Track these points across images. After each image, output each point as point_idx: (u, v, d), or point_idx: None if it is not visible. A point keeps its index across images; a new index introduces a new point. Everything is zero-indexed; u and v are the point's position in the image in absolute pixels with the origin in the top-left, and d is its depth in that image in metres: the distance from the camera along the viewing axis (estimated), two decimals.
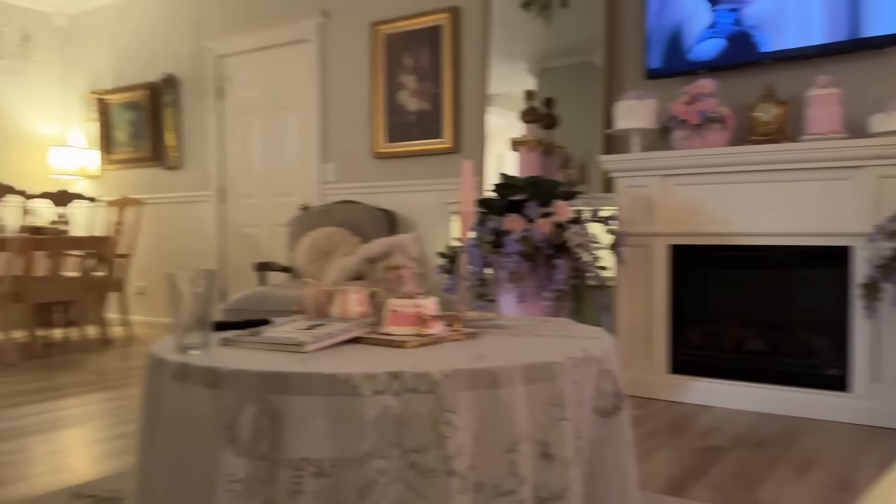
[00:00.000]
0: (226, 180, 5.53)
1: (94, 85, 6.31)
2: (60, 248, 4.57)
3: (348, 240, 4.35)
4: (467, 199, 1.74)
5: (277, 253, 5.16)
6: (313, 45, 4.98)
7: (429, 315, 1.52)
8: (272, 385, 1.22)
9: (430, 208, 4.48)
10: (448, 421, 1.19)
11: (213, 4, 5.53)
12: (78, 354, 4.59)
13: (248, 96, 5.38)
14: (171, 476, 1.36)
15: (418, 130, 4.54)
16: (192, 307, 1.44)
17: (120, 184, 6.14)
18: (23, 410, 3.11)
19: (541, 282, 3.07)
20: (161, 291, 5.90)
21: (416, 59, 4.52)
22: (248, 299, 3.81)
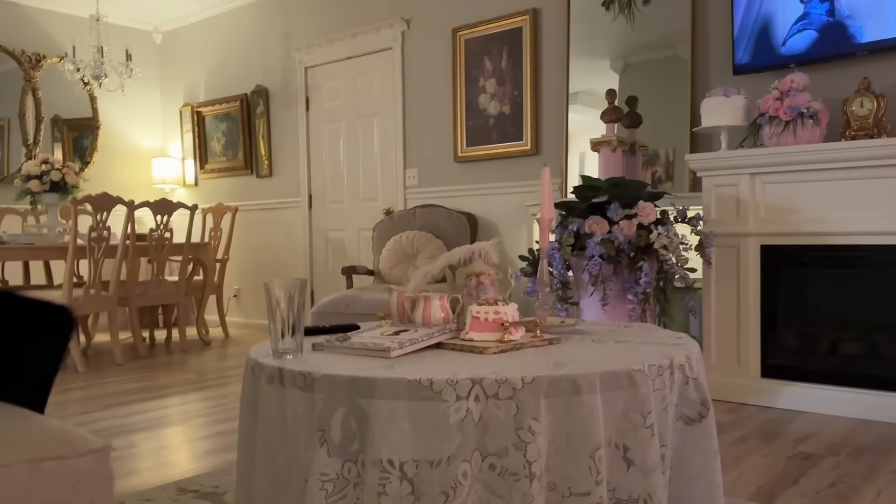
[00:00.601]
0: (313, 186, 5.73)
1: (190, 98, 6.66)
2: (162, 254, 4.85)
3: (430, 243, 4.42)
4: (547, 206, 1.76)
5: (363, 256, 5.30)
6: (395, 52, 5.09)
7: (509, 321, 1.55)
8: (360, 389, 1.28)
9: (511, 211, 4.50)
10: (529, 427, 1.21)
11: (300, 17, 5.73)
12: (179, 355, 4.87)
13: (333, 105, 5.55)
14: (268, 474, 1.44)
15: (498, 133, 4.56)
16: (286, 314, 1.51)
17: (215, 192, 6.45)
18: (130, 409, 3.33)
19: (625, 284, 3.04)
20: (254, 294, 6.16)
21: (496, 63, 4.55)
22: (336, 302, 3.93)
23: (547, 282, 1.82)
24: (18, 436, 1.04)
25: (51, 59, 6.11)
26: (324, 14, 5.55)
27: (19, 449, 1.01)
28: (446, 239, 4.44)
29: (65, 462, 1.04)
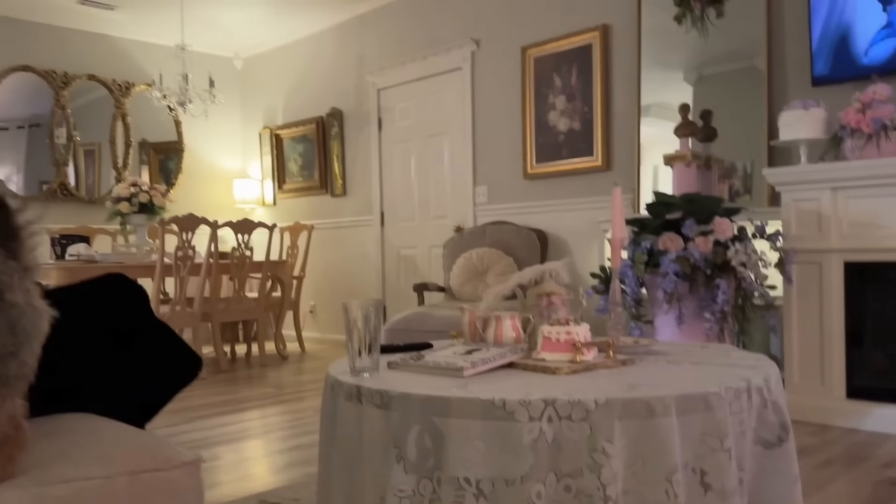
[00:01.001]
0: (385, 205, 5.84)
1: (269, 121, 6.92)
2: (243, 271, 5.04)
3: (500, 260, 4.44)
4: (618, 225, 1.76)
5: (433, 273, 5.36)
6: (465, 72, 5.16)
7: (581, 342, 1.55)
8: (435, 408, 1.31)
9: (582, 227, 4.47)
10: (602, 449, 1.22)
11: (373, 42, 5.89)
12: (258, 369, 5.03)
13: (405, 125, 5.67)
14: (344, 489, 1.49)
15: (568, 150, 4.56)
16: (363, 333, 1.57)
17: (293, 211, 6.66)
18: (213, 421, 3.46)
19: (701, 303, 2.98)
20: (329, 310, 6.31)
21: (566, 79, 4.56)
22: (408, 319, 4.00)
23: (619, 302, 1.82)
24: (119, 450, 1.12)
25: (139, 87, 6.47)
26: (396, 38, 5.69)
27: (120, 462, 1.09)
28: (516, 256, 4.45)
29: (160, 474, 1.11)
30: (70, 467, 1.04)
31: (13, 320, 0.90)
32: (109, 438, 1.14)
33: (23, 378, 0.95)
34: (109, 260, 4.71)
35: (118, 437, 1.15)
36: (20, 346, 0.92)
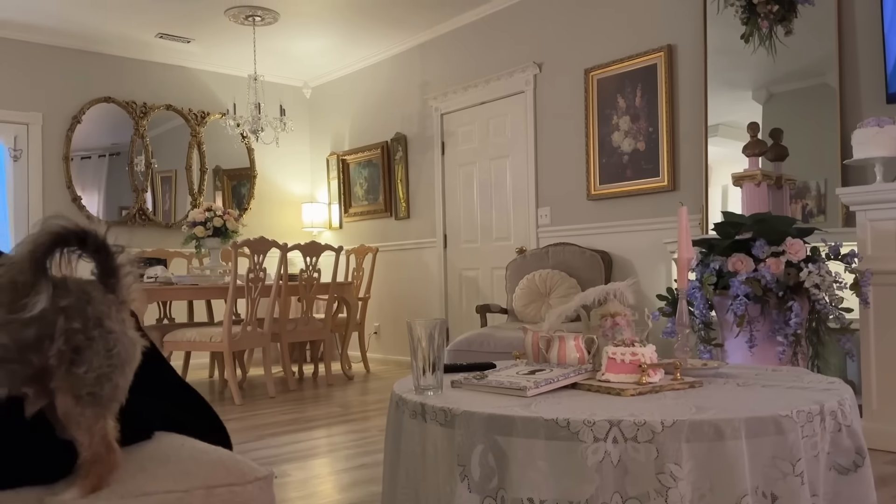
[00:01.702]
0: (448, 227, 5.90)
1: (336, 147, 7.10)
2: (311, 293, 5.16)
3: (563, 282, 4.42)
4: (685, 245, 1.74)
5: (496, 295, 5.36)
6: (527, 95, 5.19)
7: (647, 363, 1.54)
8: (498, 427, 1.32)
9: (648, 248, 4.41)
10: (670, 472, 1.20)
11: (436, 68, 5.99)
12: (325, 389, 5.12)
13: (467, 148, 5.72)
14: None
15: (633, 170, 4.51)
16: (427, 352, 1.59)
17: (358, 234, 6.79)
18: (282, 439, 3.54)
19: (773, 326, 2.89)
20: (393, 331, 6.38)
21: (630, 100, 4.53)
22: (471, 340, 4.01)
23: (687, 323, 1.79)
24: (196, 465, 1.17)
25: (214, 116, 6.74)
26: (458, 63, 5.77)
27: (197, 476, 1.13)
28: (580, 277, 4.41)
29: (235, 489, 1.15)
30: (150, 481, 1.09)
31: (110, 345, 0.98)
32: (187, 454, 1.19)
33: (115, 400, 1.02)
34: (185, 282, 4.90)
35: (195, 453, 1.20)
36: (114, 369, 1.00)
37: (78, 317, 0.97)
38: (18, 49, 5.82)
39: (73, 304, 0.97)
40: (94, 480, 1.02)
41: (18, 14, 5.45)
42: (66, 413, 0.98)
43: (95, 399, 0.98)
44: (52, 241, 0.95)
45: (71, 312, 0.96)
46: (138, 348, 1.04)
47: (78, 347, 0.96)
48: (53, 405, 0.98)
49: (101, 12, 5.48)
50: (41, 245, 0.94)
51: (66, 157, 6.03)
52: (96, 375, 0.97)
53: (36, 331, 0.95)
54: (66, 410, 0.97)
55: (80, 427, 0.98)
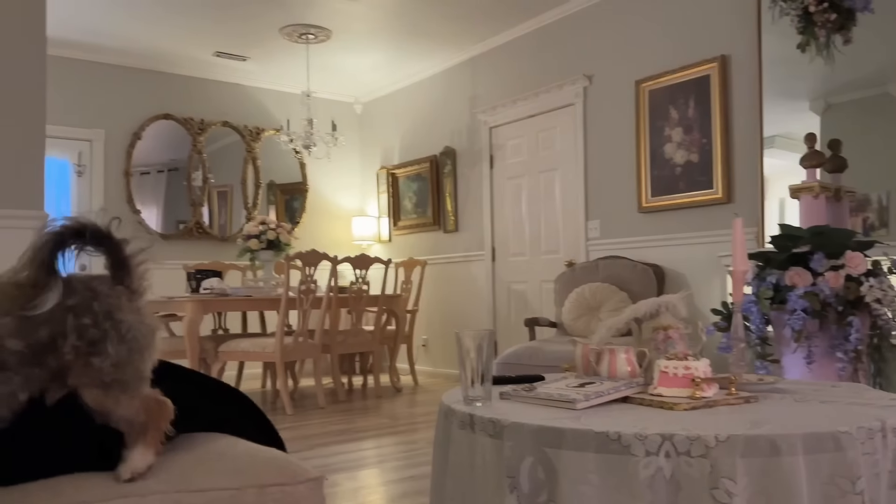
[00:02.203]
0: (496, 240, 5.89)
1: (386, 161, 7.18)
2: (360, 305, 5.22)
3: (614, 295, 4.36)
4: (740, 257, 1.71)
5: (545, 308, 5.33)
6: (577, 108, 5.17)
7: (701, 377, 1.51)
8: (548, 438, 1.31)
9: (702, 262, 4.32)
10: (724, 487, 1.17)
11: (485, 82, 6.02)
12: (374, 400, 5.16)
13: (516, 161, 5.72)
14: None
15: (686, 182, 4.44)
16: (476, 363, 1.59)
17: (407, 247, 6.85)
18: (331, 449, 3.58)
19: (832, 341, 2.80)
20: (442, 344, 6.39)
21: (682, 111, 4.47)
22: (519, 353, 3.99)
23: (742, 337, 1.75)
24: (249, 464, 1.19)
25: (268, 132, 6.91)
26: (508, 77, 5.79)
27: (250, 475, 1.16)
28: (631, 291, 4.35)
29: (286, 488, 1.17)
30: (205, 477, 1.12)
31: (123, 333, 1.03)
32: (241, 453, 1.22)
33: (141, 380, 1.06)
34: (239, 293, 5.01)
35: (249, 452, 1.23)
36: (132, 353, 1.04)
37: (87, 313, 1.01)
38: (83, 68, 6.07)
39: (79, 301, 1.01)
40: (154, 433, 1.06)
41: (83, 35, 5.69)
42: (99, 404, 1.02)
43: (122, 384, 1.03)
44: (53, 240, 1.00)
45: (79, 310, 1.01)
46: (155, 334, 1.08)
47: (93, 340, 1.00)
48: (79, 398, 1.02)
49: (161, 32, 5.69)
50: (45, 244, 0.99)
51: (127, 172, 6.25)
52: (114, 363, 1.01)
53: (48, 332, 0.99)
54: (98, 401, 1.02)
55: (117, 412, 1.03)
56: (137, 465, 1.04)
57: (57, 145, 5.75)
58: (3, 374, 0.97)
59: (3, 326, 0.97)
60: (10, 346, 0.97)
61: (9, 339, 0.97)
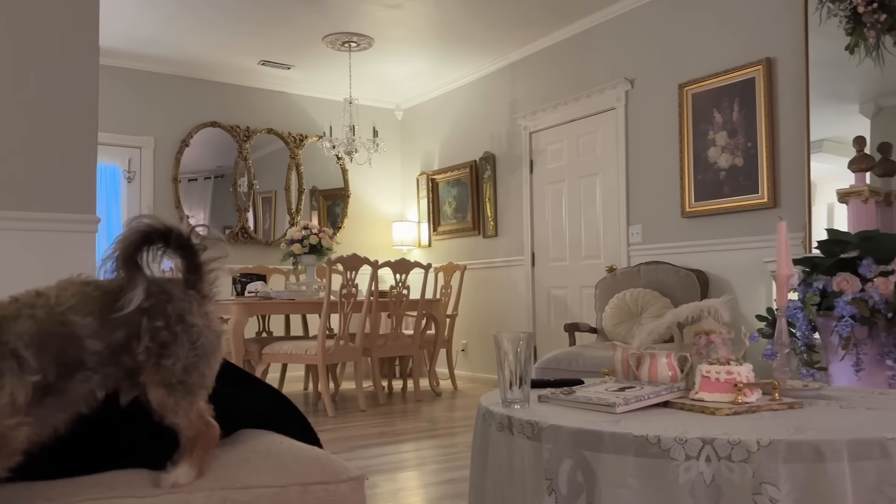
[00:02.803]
0: (536, 245, 5.88)
1: (426, 167, 7.23)
2: (400, 309, 5.26)
3: (656, 301, 4.31)
4: (784, 261, 1.68)
5: (585, 313, 5.29)
6: (618, 112, 5.13)
7: (744, 382, 1.49)
8: (586, 441, 1.31)
9: (746, 267, 4.25)
10: (767, 493, 1.16)
11: (525, 87, 6.02)
12: (413, 404, 5.18)
13: (556, 166, 5.71)
14: None
15: (730, 187, 4.37)
16: (514, 365, 1.60)
17: (446, 252, 6.87)
18: (372, 451, 3.61)
19: (882, 349, 2.73)
20: (481, 349, 6.39)
21: (726, 115, 4.40)
22: (559, 358, 3.97)
23: (786, 342, 1.72)
24: (293, 462, 1.22)
25: (311, 139, 7.01)
26: (548, 82, 5.78)
27: (294, 473, 1.19)
28: (673, 297, 4.30)
29: (328, 487, 1.19)
30: (251, 475, 1.15)
31: (194, 338, 1.07)
32: (285, 451, 1.25)
33: (203, 387, 1.11)
34: (282, 297, 5.09)
35: (293, 450, 1.26)
36: (200, 359, 1.08)
37: (160, 315, 1.05)
38: (133, 77, 6.25)
39: (154, 304, 1.05)
40: (200, 454, 1.10)
41: (133, 45, 5.87)
42: (161, 403, 1.06)
43: (186, 388, 1.06)
44: (140, 238, 1.04)
45: (153, 312, 1.05)
46: (222, 339, 1.12)
47: (164, 343, 1.04)
48: (146, 396, 1.07)
49: (209, 42, 5.83)
50: (131, 243, 1.03)
51: (175, 178, 6.41)
52: (184, 366, 1.05)
53: (124, 333, 1.03)
54: (161, 401, 1.06)
55: (176, 414, 1.06)
56: (181, 479, 1.07)
57: (108, 152, 5.94)
58: (83, 373, 1.02)
59: (84, 327, 1.01)
60: (90, 347, 1.02)
61: (89, 339, 1.02)
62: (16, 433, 0.95)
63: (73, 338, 1.01)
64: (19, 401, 0.95)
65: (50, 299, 1.02)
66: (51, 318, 1.00)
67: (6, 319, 0.97)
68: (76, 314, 1.02)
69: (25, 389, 0.95)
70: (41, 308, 1.00)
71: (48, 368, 0.98)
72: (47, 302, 1.01)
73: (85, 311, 1.02)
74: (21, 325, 0.98)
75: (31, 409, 0.97)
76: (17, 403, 0.95)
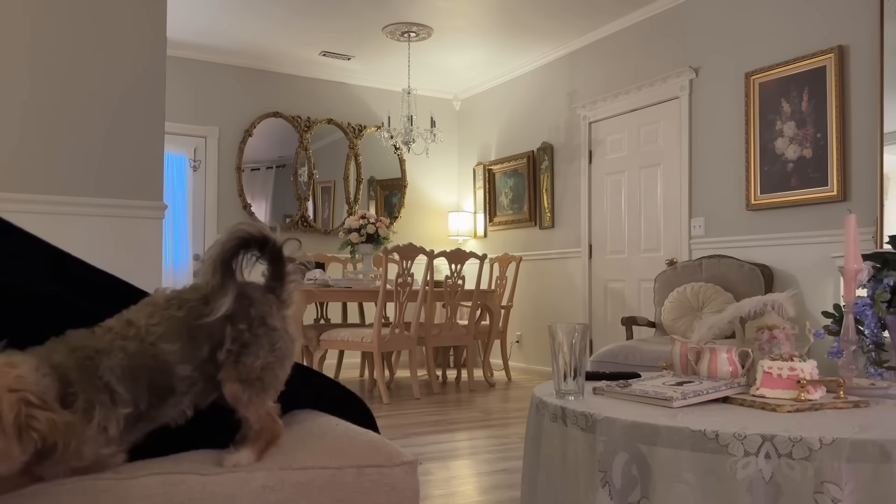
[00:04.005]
0: (594, 237, 5.81)
1: (482, 157, 7.21)
2: (455, 299, 5.28)
3: (718, 296, 4.21)
4: (852, 256, 1.62)
5: (643, 307, 5.21)
6: (682, 101, 5.01)
7: (807, 379, 1.45)
8: (641, 435, 1.30)
9: (813, 263, 4.11)
10: (829, 492, 1.13)
11: (585, 76, 5.94)
12: (467, 394, 5.20)
13: (616, 157, 5.62)
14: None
15: (798, 179, 4.23)
16: (568, 357, 1.59)
17: (502, 243, 6.86)
18: (425, 439, 3.65)
19: None
20: (535, 341, 6.36)
21: (795, 104, 4.25)
22: (615, 352, 3.92)
23: (853, 339, 1.66)
24: (348, 444, 1.25)
25: (370, 129, 7.09)
26: (608, 71, 5.69)
27: (349, 455, 1.21)
28: (736, 292, 4.19)
29: (383, 470, 1.21)
30: (308, 456, 1.18)
31: (273, 341, 1.11)
32: (340, 434, 1.28)
33: (275, 388, 1.15)
34: (340, 285, 5.17)
35: (348, 433, 1.28)
36: (276, 361, 1.12)
37: (243, 318, 1.09)
38: (199, 68, 6.43)
39: (237, 310, 1.08)
40: (262, 446, 1.14)
41: (199, 36, 6.03)
42: (235, 397, 1.10)
43: (262, 385, 1.10)
44: (238, 244, 1.07)
45: (236, 318, 1.08)
46: (297, 344, 1.16)
47: (245, 343, 1.08)
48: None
49: (272, 33, 5.94)
50: (230, 248, 1.06)
51: (238, 167, 6.57)
52: (262, 365, 1.09)
53: (209, 346, 1.08)
54: (236, 395, 1.10)
55: (248, 408, 1.11)
56: (242, 461, 1.11)
57: (174, 141, 6.13)
58: (174, 398, 1.07)
59: (174, 354, 1.06)
60: (180, 373, 1.06)
61: (179, 365, 1.06)
62: (115, 459, 1.01)
63: (164, 367, 1.06)
64: (111, 433, 1.00)
65: (141, 329, 1.06)
66: (142, 349, 1.05)
67: (100, 353, 1.02)
68: (165, 342, 1.06)
69: (118, 421, 1.00)
70: (132, 340, 1.05)
71: (140, 399, 1.04)
72: (138, 333, 1.06)
73: (173, 337, 1.07)
74: (114, 358, 1.03)
75: (122, 437, 1.02)
76: (109, 435, 1.00)
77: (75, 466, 1.02)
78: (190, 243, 6.42)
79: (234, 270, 1.07)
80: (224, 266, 1.06)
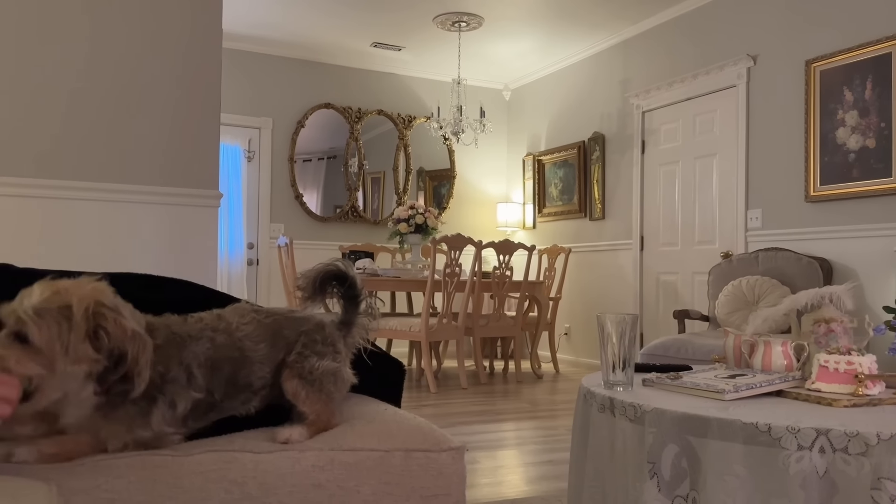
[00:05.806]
0: (645, 229, 5.72)
1: (532, 148, 7.17)
2: (503, 290, 5.27)
3: (774, 290, 4.10)
4: None
5: (696, 301, 5.11)
6: (739, 90, 4.88)
7: (865, 374, 1.41)
8: (692, 427, 1.28)
9: (875, 256, 3.96)
10: (886, 489, 1.09)
11: (638, 64, 5.84)
12: (514, 385, 5.20)
13: (670, 147, 5.51)
14: (595, 499, 1.50)
15: (860, 170, 4.08)
16: (617, 347, 1.58)
17: (551, 234, 6.81)
18: (472, 428, 3.66)
19: None
20: (584, 333, 6.31)
21: (858, 93, 4.10)
22: (667, 345, 3.86)
23: None
24: (397, 428, 1.27)
25: (419, 120, 7.11)
26: (663, 59, 5.58)
27: (397, 439, 1.23)
28: (793, 286, 4.08)
29: (430, 454, 1.23)
30: (357, 439, 1.20)
31: (337, 361, 1.27)
32: (389, 418, 1.30)
33: (332, 399, 1.26)
34: (389, 274, 5.22)
35: (395, 418, 1.30)
36: (336, 378, 1.26)
37: (317, 333, 1.25)
38: (253, 60, 6.55)
39: (312, 328, 1.26)
40: (315, 428, 1.22)
41: (253, 29, 6.13)
42: (294, 393, 1.21)
43: (319, 386, 1.21)
44: (331, 274, 1.29)
45: (310, 333, 1.25)
46: (348, 384, 1.29)
47: (312, 352, 1.23)
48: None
49: (324, 25, 6.01)
50: (327, 273, 1.28)
51: (291, 158, 6.68)
52: (322, 371, 1.21)
53: (283, 354, 1.21)
54: (295, 390, 1.21)
55: (305, 404, 1.21)
56: (294, 437, 1.19)
57: (230, 132, 6.26)
58: (246, 395, 1.19)
59: (257, 352, 1.19)
60: (258, 372, 1.19)
61: (259, 364, 1.19)
62: (172, 438, 1.10)
63: (247, 363, 1.18)
64: (179, 411, 1.09)
65: (231, 325, 1.19)
66: (230, 342, 1.17)
67: (188, 338, 1.13)
68: (252, 341, 1.19)
69: (186, 402, 1.10)
70: (222, 332, 1.17)
71: (217, 388, 1.14)
72: (228, 327, 1.19)
73: (259, 338, 1.20)
74: (200, 345, 1.13)
75: (189, 423, 1.12)
76: (177, 412, 1.09)
77: (139, 438, 1.07)
78: (244, 231, 6.56)
79: (324, 292, 1.29)
80: (315, 282, 1.27)
